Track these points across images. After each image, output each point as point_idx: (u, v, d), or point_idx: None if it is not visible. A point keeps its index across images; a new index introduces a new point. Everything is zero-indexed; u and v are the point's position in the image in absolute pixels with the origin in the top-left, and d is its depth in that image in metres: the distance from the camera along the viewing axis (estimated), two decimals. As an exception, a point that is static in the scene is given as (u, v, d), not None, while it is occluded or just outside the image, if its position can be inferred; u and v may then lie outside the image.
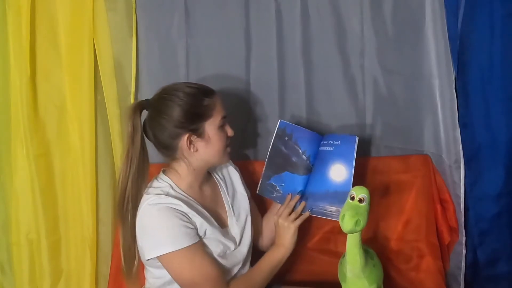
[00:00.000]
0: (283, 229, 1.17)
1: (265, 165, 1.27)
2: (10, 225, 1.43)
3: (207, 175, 1.20)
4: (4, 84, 1.37)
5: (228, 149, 1.15)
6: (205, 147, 1.10)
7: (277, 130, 1.27)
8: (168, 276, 1.08)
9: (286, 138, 1.26)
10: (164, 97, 1.09)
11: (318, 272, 1.40)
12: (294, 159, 1.25)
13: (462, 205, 1.37)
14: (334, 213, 1.16)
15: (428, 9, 1.39)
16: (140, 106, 1.10)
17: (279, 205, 1.24)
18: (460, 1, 1.29)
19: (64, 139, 1.41)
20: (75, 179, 1.42)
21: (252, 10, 1.43)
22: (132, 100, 1.42)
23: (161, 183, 1.11)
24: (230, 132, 1.14)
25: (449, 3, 1.32)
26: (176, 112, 1.07)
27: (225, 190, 1.22)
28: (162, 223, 1.04)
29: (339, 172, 1.19)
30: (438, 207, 1.45)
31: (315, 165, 1.25)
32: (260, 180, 1.27)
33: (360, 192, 1.02)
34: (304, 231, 1.47)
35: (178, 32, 1.43)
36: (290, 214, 1.18)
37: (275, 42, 1.44)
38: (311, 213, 1.19)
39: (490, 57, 1.28)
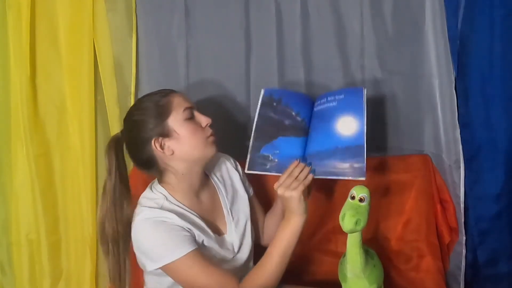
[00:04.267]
0: (286, 200, 1.03)
1: (252, 137, 1.11)
2: (10, 225, 1.43)
3: (205, 179, 1.15)
4: (4, 84, 1.37)
5: (211, 139, 1.08)
6: (178, 145, 1.05)
7: (262, 99, 1.14)
8: (168, 282, 1.07)
9: (275, 104, 1.14)
10: (126, 119, 1.10)
11: (319, 272, 1.40)
12: (287, 122, 1.12)
13: (462, 205, 1.37)
14: (347, 170, 1.03)
15: (428, 9, 1.40)
16: (114, 139, 1.11)
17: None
18: (460, 1, 1.29)
19: (64, 139, 1.41)
20: (75, 179, 1.42)
21: (252, 10, 1.43)
22: (132, 100, 1.42)
23: (156, 194, 1.08)
24: (204, 120, 1.08)
25: (449, 3, 1.32)
26: (137, 124, 1.06)
27: (224, 194, 1.18)
28: (157, 237, 1.02)
29: (348, 125, 1.07)
30: (438, 207, 1.45)
31: (314, 125, 1.12)
32: (248, 155, 1.10)
33: (360, 192, 1.02)
34: (304, 230, 1.47)
35: (178, 32, 1.43)
36: (292, 182, 1.02)
37: (275, 42, 1.44)
38: (315, 175, 1.05)
39: (490, 57, 1.28)
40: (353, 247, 1.04)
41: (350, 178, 1.03)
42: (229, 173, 1.24)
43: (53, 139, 1.41)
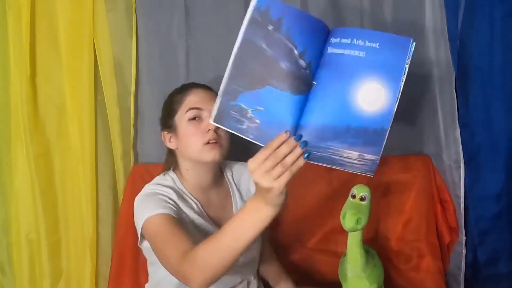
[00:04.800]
0: (261, 191, 0.75)
1: (226, 73, 0.76)
2: (10, 225, 1.42)
3: (218, 180, 1.16)
4: (4, 84, 1.37)
5: (210, 145, 1.05)
6: (179, 142, 1.10)
7: (252, 11, 0.76)
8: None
9: (271, 27, 0.76)
10: None
11: (319, 272, 1.40)
12: (283, 64, 0.76)
13: (462, 205, 1.37)
14: (355, 161, 0.76)
15: (428, 9, 1.40)
16: None
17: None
18: (460, 1, 1.29)
19: (64, 139, 1.41)
20: (75, 179, 1.42)
21: (252, 10, 1.43)
22: (132, 100, 1.42)
23: (165, 178, 1.12)
24: (205, 125, 1.05)
25: (449, 3, 1.32)
26: (161, 113, 1.16)
27: (237, 200, 1.17)
28: (143, 203, 1.04)
29: (375, 96, 0.76)
30: (438, 207, 1.45)
31: (322, 79, 0.78)
32: (217, 99, 0.75)
33: (361, 191, 1.02)
34: (304, 230, 1.47)
35: (178, 32, 1.43)
36: (275, 166, 0.72)
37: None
38: (309, 160, 0.75)
39: (490, 57, 1.28)
40: (354, 246, 1.04)
41: (355, 172, 0.77)
42: (249, 184, 1.22)
43: (53, 139, 1.41)
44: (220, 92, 0.75)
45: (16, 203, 1.41)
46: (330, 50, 0.78)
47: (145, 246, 1.06)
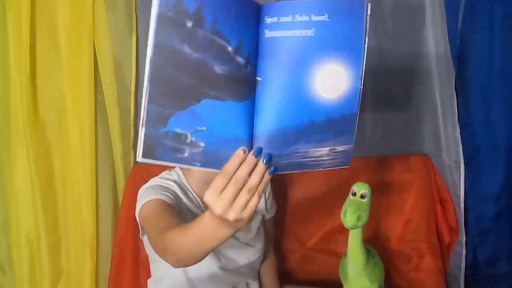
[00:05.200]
0: (220, 227, 0.65)
1: (144, 94, 0.57)
2: (10, 225, 1.42)
3: None
4: (4, 84, 1.37)
5: None
6: None
7: (158, 6, 0.56)
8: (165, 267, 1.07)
9: (190, 24, 0.57)
10: None
11: (319, 272, 1.40)
12: (217, 68, 0.60)
13: (462, 205, 1.37)
14: (325, 158, 0.66)
15: (428, 9, 1.40)
16: None
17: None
18: (460, 1, 1.29)
19: (64, 139, 1.41)
20: (75, 179, 1.42)
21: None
22: (132, 100, 1.42)
23: (171, 173, 1.13)
24: None
25: (449, 3, 1.32)
26: None
27: None
28: (145, 193, 1.03)
29: (334, 80, 0.63)
30: (438, 207, 1.45)
31: (266, 71, 0.63)
32: (140, 129, 0.57)
33: (362, 188, 1.02)
34: (304, 230, 1.47)
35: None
36: (236, 196, 0.61)
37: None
38: (276, 172, 0.64)
39: (490, 57, 1.28)
40: (354, 244, 1.04)
41: (329, 168, 0.68)
42: None
43: (53, 139, 1.41)
44: (141, 121, 0.57)
45: (16, 203, 1.41)
46: (268, 33, 0.62)
47: (146, 239, 1.08)
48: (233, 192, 0.60)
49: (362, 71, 0.65)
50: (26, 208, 1.40)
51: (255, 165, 0.61)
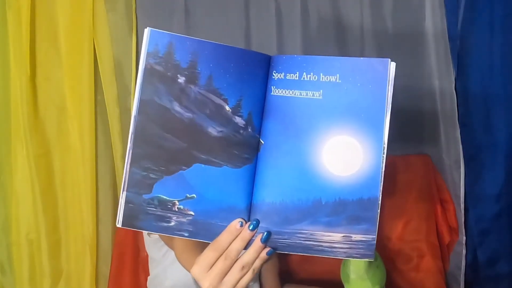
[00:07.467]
0: None
1: (127, 155, 0.54)
2: (10, 225, 1.42)
3: None
4: (4, 84, 1.37)
5: None
6: None
7: (145, 57, 0.53)
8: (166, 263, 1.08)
9: (182, 79, 0.54)
10: None
11: (319, 272, 1.40)
12: (212, 130, 0.55)
13: (462, 205, 1.37)
14: (341, 246, 0.56)
15: (428, 9, 1.39)
16: None
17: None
18: (460, 1, 1.29)
19: (64, 139, 1.41)
20: (75, 179, 1.42)
21: (252, 10, 1.43)
22: (132, 100, 1.42)
23: None
24: None
25: (449, 3, 1.32)
26: None
27: None
28: None
29: (345, 155, 0.55)
30: (438, 207, 1.45)
31: (270, 133, 0.56)
32: (120, 196, 0.55)
33: None
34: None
35: (178, 32, 1.41)
36: (227, 272, 0.55)
37: (275, 42, 1.44)
38: (276, 251, 0.56)
39: (490, 57, 1.28)
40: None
41: (347, 258, 0.62)
42: None
43: (53, 139, 1.41)
44: (123, 185, 0.53)
45: (16, 203, 1.41)
46: (274, 91, 0.55)
47: (147, 239, 1.08)
48: (223, 268, 0.54)
49: (383, 147, 0.54)
50: (26, 207, 1.40)
51: (250, 240, 0.55)
